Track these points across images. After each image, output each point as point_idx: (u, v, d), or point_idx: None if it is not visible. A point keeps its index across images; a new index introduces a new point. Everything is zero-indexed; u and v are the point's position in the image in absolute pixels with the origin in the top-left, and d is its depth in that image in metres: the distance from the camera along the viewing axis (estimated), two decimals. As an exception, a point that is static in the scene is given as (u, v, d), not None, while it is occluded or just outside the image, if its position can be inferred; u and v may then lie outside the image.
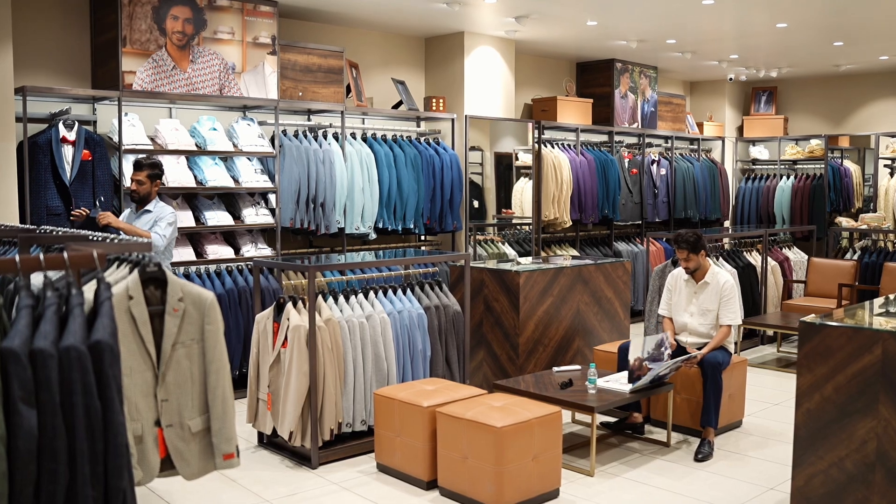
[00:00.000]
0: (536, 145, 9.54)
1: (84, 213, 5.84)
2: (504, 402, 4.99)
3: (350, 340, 5.50)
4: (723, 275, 6.04)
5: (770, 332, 9.09)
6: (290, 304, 5.42)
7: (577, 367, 6.18)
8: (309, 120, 7.95)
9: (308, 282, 5.29)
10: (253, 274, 5.96)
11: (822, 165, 11.84)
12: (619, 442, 5.94)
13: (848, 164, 12.14)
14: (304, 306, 5.43)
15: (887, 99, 11.90)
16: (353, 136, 7.99)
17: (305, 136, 7.57)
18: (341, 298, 5.67)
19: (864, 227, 10.13)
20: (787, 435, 6.04)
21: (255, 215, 7.20)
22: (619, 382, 5.64)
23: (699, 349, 5.95)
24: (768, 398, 7.10)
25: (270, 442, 5.72)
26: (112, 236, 3.91)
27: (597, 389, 5.53)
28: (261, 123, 7.40)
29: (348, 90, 8.07)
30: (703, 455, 5.56)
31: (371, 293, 5.85)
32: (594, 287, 7.16)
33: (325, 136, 7.74)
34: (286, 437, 5.30)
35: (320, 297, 5.53)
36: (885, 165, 11.40)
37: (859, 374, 4.02)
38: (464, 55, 8.85)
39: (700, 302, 6.01)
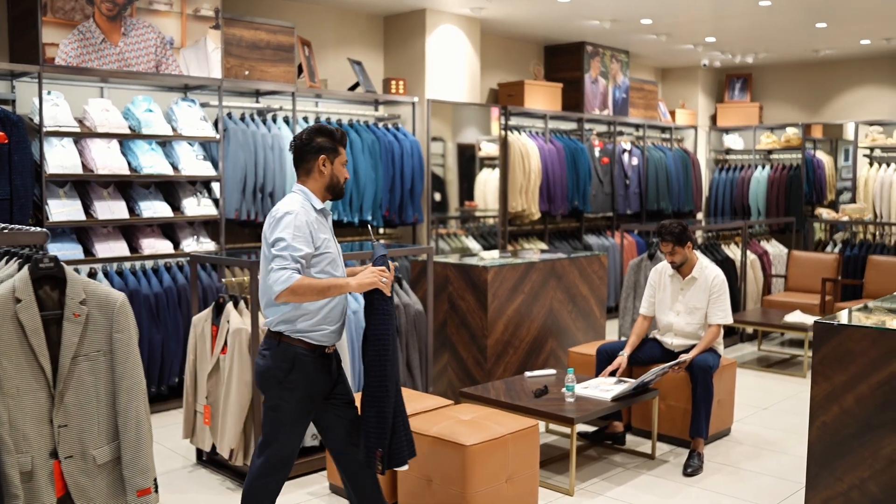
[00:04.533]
0: (503, 132, 8.96)
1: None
2: (473, 414, 4.40)
3: (299, 345, 4.88)
4: (711, 269, 5.50)
5: (750, 329, 8.60)
6: (230, 305, 4.79)
7: (552, 371, 5.61)
8: (257, 102, 7.29)
9: (250, 279, 4.66)
10: (190, 270, 5.31)
11: (799, 155, 11.40)
12: (599, 454, 5.38)
13: (820, 154, 11.68)
14: (247, 307, 4.81)
15: (866, 86, 11.46)
16: (306, 119, 7.36)
17: (253, 120, 6.93)
18: (289, 297, 5.04)
19: (846, 218, 9.69)
20: (781, 444, 5.56)
21: (196, 206, 6.54)
22: (599, 389, 5.08)
23: (685, 352, 5.42)
24: (755, 402, 6.59)
25: (210, 460, 5.09)
26: (7, 226, 3.25)
27: (575, 397, 4.97)
28: (203, 105, 6.73)
29: (300, 70, 7.43)
30: (692, 469, 5.02)
31: (323, 291, 5.22)
32: (568, 283, 6.60)
33: (274, 120, 7.10)
34: (226, 455, 4.68)
35: (265, 297, 4.90)
36: (865, 155, 10.98)
37: (885, 383, 3.49)
38: (425, 34, 8.23)
39: (687, 299, 5.46)
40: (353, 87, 7.96)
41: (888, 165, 10.61)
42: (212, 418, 4.80)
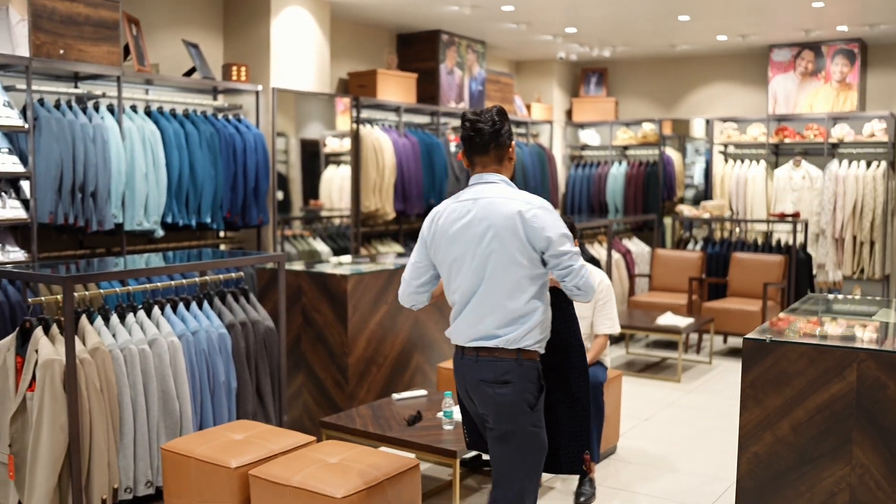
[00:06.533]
0: (355, 125, 8.27)
1: None
2: (342, 454, 3.72)
3: (127, 376, 4.07)
4: (596, 273, 5.02)
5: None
6: (39, 330, 3.93)
7: (423, 392, 5.01)
8: (76, 87, 6.31)
9: (63, 298, 3.81)
10: (-11, 287, 4.39)
11: (656, 151, 11.21)
12: (479, 483, 4.81)
13: (670, 151, 11.51)
14: (61, 332, 3.96)
15: (719, 83, 11.36)
16: (134, 108, 6.43)
17: (70, 107, 5.95)
18: (114, 318, 4.22)
19: (707, 215, 9.52)
20: (670, 459, 5.16)
21: (0, 208, 5.55)
22: (480, 412, 4.49)
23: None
24: (635, 412, 6.18)
25: (17, 518, 4.19)
26: None
27: (454, 424, 4.37)
28: (7, 88, 5.73)
29: (127, 52, 6.50)
30: (585, 497, 4.53)
31: (156, 309, 4.42)
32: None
33: (96, 108, 6.14)
34: (36, 515, 3.81)
35: (84, 319, 4.06)
36: (720, 152, 10.91)
37: (825, 407, 3.04)
38: (270, 16, 7.44)
39: (571, 307, 4.94)
40: (188, 73, 7.08)
41: (742, 162, 10.58)
42: (17, 470, 3.92)
